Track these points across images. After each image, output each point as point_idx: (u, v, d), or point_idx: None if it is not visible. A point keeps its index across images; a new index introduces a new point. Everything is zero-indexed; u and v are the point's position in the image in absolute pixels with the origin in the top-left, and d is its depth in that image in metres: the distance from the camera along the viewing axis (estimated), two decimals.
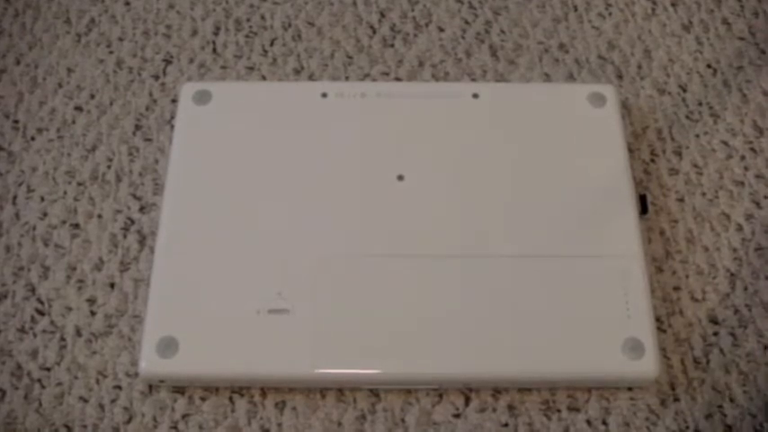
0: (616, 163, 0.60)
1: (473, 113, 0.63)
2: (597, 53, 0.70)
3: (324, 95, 0.64)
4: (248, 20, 0.72)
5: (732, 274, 0.60)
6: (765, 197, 0.63)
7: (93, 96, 0.68)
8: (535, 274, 0.56)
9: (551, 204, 0.59)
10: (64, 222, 0.62)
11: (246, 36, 0.71)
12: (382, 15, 0.72)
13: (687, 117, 0.67)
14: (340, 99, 0.63)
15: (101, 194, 0.63)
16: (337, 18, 0.72)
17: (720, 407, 0.55)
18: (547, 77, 0.69)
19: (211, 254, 0.57)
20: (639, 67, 0.70)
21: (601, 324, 0.54)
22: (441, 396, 0.55)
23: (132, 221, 0.62)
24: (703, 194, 0.63)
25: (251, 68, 0.69)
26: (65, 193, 0.63)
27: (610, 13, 0.73)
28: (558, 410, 0.55)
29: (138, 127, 0.66)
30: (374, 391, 0.55)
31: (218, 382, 0.55)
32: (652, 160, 0.65)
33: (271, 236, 0.57)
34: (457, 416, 0.55)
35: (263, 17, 0.72)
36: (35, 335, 0.57)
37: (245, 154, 0.61)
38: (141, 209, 0.62)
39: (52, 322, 0.58)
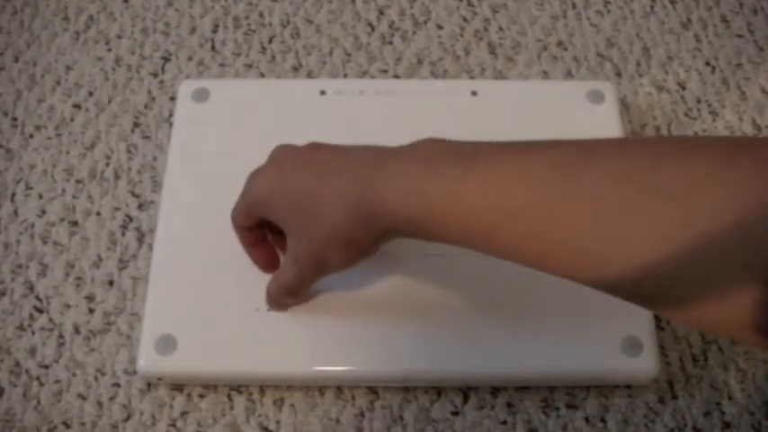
0: None
1: (472, 111, 0.63)
2: (596, 50, 0.70)
3: (322, 93, 0.63)
4: (247, 17, 0.72)
5: None
6: None
7: (91, 94, 0.68)
8: (534, 272, 0.56)
9: None
10: (62, 220, 0.62)
11: (245, 33, 0.71)
12: (381, 13, 0.72)
13: (686, 114, 0.67)
14: (338, 96, 0.63)
15: (99, 192, 0.63)
16: (336, 15, 0.72)
17: (719, 404, 0.55)
18: (545, 75, 0.69)
19: (210, 252, 0.57)
20: (638, 64, 0.70)
21: (599, 322, 0.54)
22: (439, 393, 0.55)
23: (131, 219, 0.62)
24: None
25: (249, 66, 0.69)
26: (63, 190, 0.63)
27: (608, 11, 0.73)
28: (557, 408, 0.55)
29: (136, 125, 0.66)
30: (373, 388, 0.55)
31: (216, 379, 0.55)
32: None
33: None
34: (455, 413, 0.55)
35: (261, 15, 0.72)
36: (33, 332, 0.57)
37: (243, 151, 0.61)
38: (140, 206, 0.62)
39: (51, 320, 0.58)
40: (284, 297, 0.53)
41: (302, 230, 0.49)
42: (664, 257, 0.36)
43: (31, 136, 0.66)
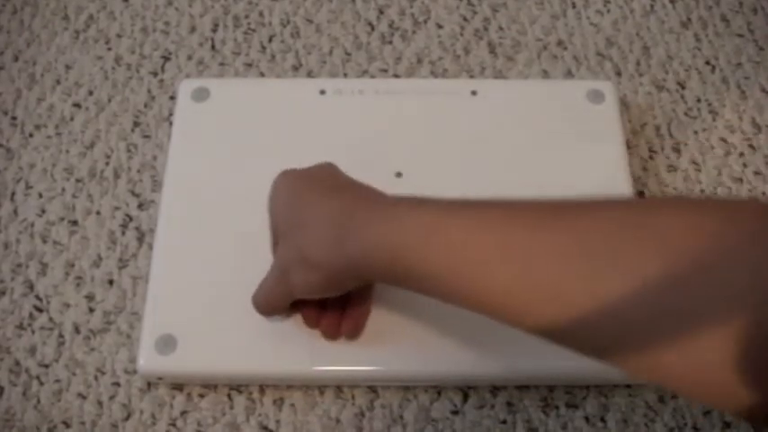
0: (614, 160, 0.60)
1: (471, 110, 0.63)
2: (596, 50, 0.70)
3: (322, 92, 0.64)
4: (246, 16, 0.72)
5: None
6: (764, 194, 0.63)
7: (91, 93, 0.68)
8: None
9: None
10: (62, 219, 0.62)
11: (245, 33, 0.71)
12: (381, 12, 0.72)
13: (686, 114, 0.67)
14: (338, 96, 0.63)
15: (99, 191, 0.63)
16: (336, 15, 0.72)
17: None
18: (545, 74, 0.69)
19: (210, 251, 0.57)
20: (638, 63, 0.70)
21: None
22: (439, 393, 0.55)
23: (131, 218, 0.62)
24: (702, 191, 0.63)
25: (249, 65, 0.69)
26: (63, 189, 0.63)
27: (608, 10, 0.73)
28: (557, 407, 0.55)
29: (136, 124, 0.66)
30: (372, 387, 0.55)
31: (216, 379, 0.55)
32: (650, 157, 0.65)
33: (268, 232, 0.57)
34: (455, 413, 0.55)
35: (261, 14, 0.72)
36: (33, 331, 0.57)
37: (243, 151, 0.61)
38: (140, 206, 0.62)
39: (50, 319, 0.58)
40: (260, 309, 0.53)
41: (286, 236, 0.50)
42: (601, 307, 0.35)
43: (31, 135, 0.66)
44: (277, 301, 0.52)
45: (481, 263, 0.40)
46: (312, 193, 0.49)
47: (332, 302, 0.52)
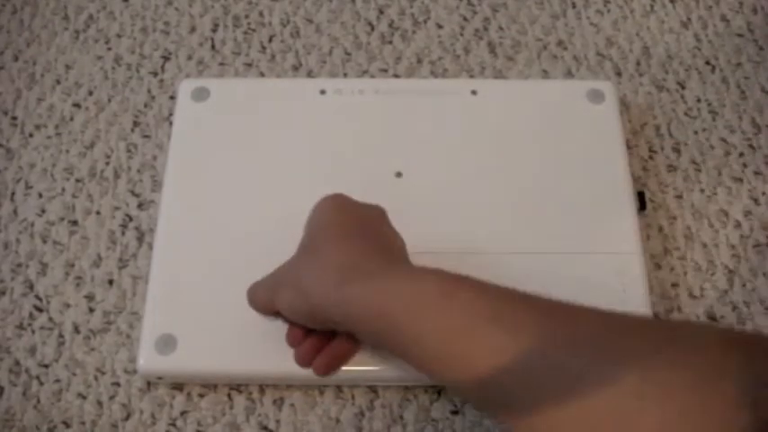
0: (614, 160, 0.60)
1: (471, 110, 0.63)
2: (596, 50, 0.70)
3: (322, 92, 0.64)
4: (246, 16, 0.72)
5: (730, 271, 0.60)
6: (763, 194, 0.63)
7: (91, 93, 0.68)
8: (533, 271, 0.56)
9: (549, 201, 0.59)
10: (62, 219, 0.62)
11: (245, 33, 0.71)
12: (381, 12, 0.72)
13: (686, 114, 0.67)
14: (338, 96, 0.63)
15: (99, 191, 0.63)
16: (336, 15, 0.72)
17: None
18: (545, 74, 0.69)
19: (210, 251, 0.57)
20: (638, 63, 0.70)
21: None
22: (439, 393, 0.55)
23: (131, 218, 0.62)
24: (702, 191, 0.63)
25: (249, 65, 0.69)
26: (63, 189, 0.63)
27: (608, 10, 0.73)
28: None
29: (136, 124, 0.66)
30: (372, 387, 0.55)
31: (216, 379, 0.55)
32: (650, 157, 0.65)
33: (269, 232, 0.57)
34: (455, 413, 0.55)
35: (261, 14, 0.72)
36: (33, 331, 0.57)
37: (243, 151, 0.61)
38: (140, 206, 0.62)
39: (50, 319, 0.58)
40: (249, 302, 0.53)
41: (300, 254, 0.51)
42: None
43: (31, 135, 0.66)
44: (262, 303, 0.53)
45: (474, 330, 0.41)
46: (340, 228, 0.49)
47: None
